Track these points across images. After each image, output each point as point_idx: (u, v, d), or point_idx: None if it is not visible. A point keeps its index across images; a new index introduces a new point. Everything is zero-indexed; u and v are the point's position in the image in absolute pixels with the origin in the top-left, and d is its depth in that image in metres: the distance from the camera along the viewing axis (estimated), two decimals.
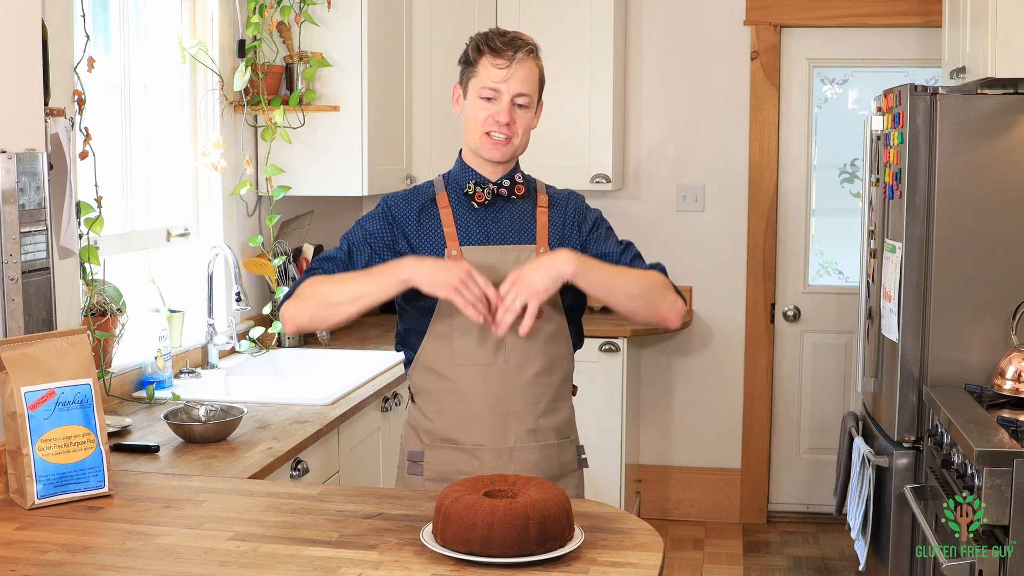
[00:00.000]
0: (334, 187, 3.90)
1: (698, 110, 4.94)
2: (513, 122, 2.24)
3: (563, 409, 2.34)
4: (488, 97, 2.23)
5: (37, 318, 2.33)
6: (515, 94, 2.23)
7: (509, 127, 2.23)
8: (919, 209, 3.35)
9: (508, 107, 2.23)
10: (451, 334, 2.25)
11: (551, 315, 2.27)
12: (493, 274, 2.22)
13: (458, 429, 2.27)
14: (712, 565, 4.55)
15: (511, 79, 2.22)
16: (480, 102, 2.24)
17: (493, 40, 2.23)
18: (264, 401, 3.05)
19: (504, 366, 2.25)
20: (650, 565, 1.74)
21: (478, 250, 2.26)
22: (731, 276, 4.99)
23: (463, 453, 2.27)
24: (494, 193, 2.29)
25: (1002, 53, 3.27)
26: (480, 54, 2.24)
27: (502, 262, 2.25)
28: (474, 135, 2.26)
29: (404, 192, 2.35)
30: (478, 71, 2.24)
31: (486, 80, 2.23)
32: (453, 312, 2.23)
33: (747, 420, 5.02)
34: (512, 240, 2.28)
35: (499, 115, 2.22)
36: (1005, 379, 3.13)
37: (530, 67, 2.25)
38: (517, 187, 2.31)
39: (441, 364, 2.27)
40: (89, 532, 1.94)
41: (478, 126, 2.25)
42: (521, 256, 2.26)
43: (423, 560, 1.76)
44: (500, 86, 2.22)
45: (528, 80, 2.24)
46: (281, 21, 3.80)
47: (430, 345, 2.27)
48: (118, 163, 3.23)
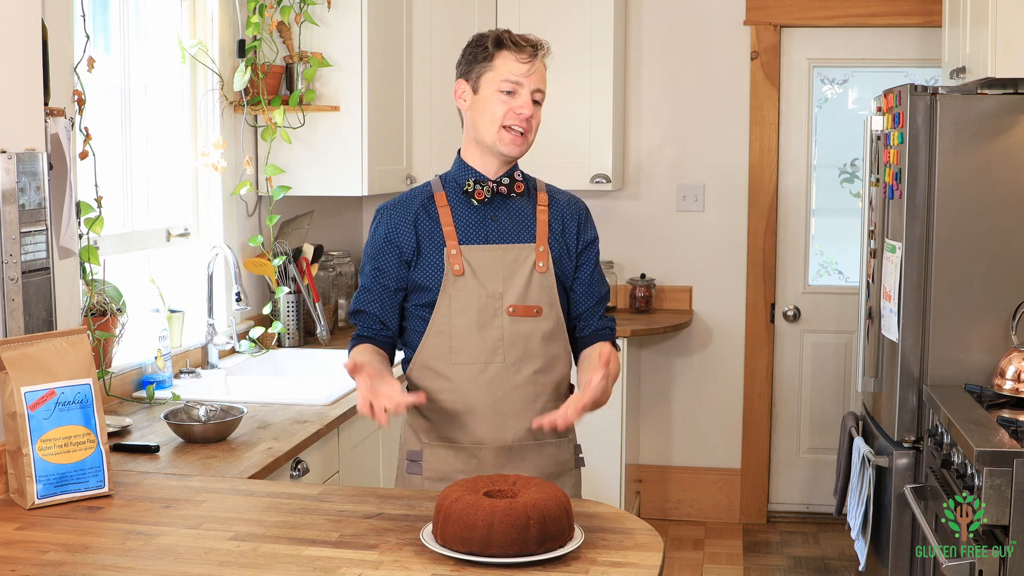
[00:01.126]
0: (334, 187, 3.90)
1: (698, 110, 4.94)
2: (532, 116, 2.25)
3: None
4: (509, 91, 2.23)
5: (37, 318, 2.33)
6: (534, 89, 2.25)
7: (528, 121, 2.24)
8: (919, 209, 3.35)
9: (529, 101, 2.24)
10: (450, 333, 2.25)
11: (549, 315, 2.28)
12: (492, 273, 2.24)
13: (456, 428, 2.27)
14: (712, 565, 4.55)
15: (533, 74, 2.24)
16: (499, 96, 2.24)
17: (513, 37, 2.25)
18: (264, 401, 3.05)
19: (502, 365, 2.25)
20: (650, 565, 1.75)
21: (477, 249, 2.26)
22: (731, 276, 4.99)
23: (461, 452, 2.27)
24: (493, 191, 2.29)
25: (1002, 53, 3.27)
26: (500, 48, 2.24)
27: (501, 261, 2.26)
28: (491, 129, 2.25)
29: (398, 199, 2.35)
30: (496, 65, 2.24)
31: (507, 73, 2.23)
32: (452, 312, 2.24)
33: (747, 420, 5.03)
34: (511, 239, 2.29)
35: (522, 108, 2.23)
36: (1005, 379, 3.13)
37: (543, 70, 2.28)
38: (516, 184, 2.31)
39: (439, 363, 2.27)
40: (89, 532, 1.94)
41: (496, 120, 2.24)
42: (520, 255, 2.26)
43: (423, 560, 1.76)
44: (523, 80, 2.23)
45: (544, 79, 2.28)
46: (281, 21, 3.80)
47: (429, 344, 2.28)
48: (118, 163, 3.23)
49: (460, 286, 2.24)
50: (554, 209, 2.34)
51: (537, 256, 2.27)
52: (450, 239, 2.26)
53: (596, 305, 2.37)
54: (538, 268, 2.27)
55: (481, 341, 2.24)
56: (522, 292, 2.26)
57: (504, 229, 2.29)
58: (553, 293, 2.28)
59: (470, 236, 2.28)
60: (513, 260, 2.26)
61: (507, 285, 2.25)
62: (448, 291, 2.25)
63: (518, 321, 2.25)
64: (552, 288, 2.28)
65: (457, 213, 2.29)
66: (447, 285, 2.25)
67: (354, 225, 4.89)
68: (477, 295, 2.24)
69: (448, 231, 2.27)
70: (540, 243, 2.28)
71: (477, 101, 2.27)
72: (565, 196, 2.39)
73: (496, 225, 2.29)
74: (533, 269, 2.27)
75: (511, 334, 2.25)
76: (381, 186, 4.00)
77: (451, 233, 2.27)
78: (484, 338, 2.24)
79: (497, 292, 2.25)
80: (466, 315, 2.24)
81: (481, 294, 2.24)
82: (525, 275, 2.26)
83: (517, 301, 2.25)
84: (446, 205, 2.29)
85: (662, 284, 5.00)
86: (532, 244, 2.28)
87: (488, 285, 2.25)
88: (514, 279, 2.26)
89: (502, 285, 2.25)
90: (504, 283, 2.25)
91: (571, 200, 2.39)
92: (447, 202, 2.30)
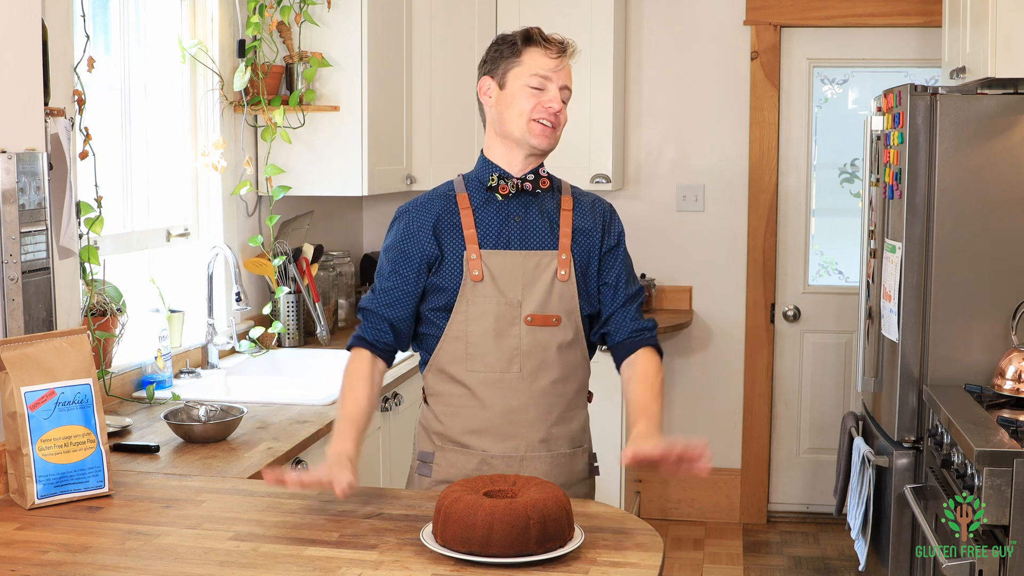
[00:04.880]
0: (334, 187, 3.90)
1: (698, 110, 4.94)
2: (560, 111, 2.24)
3: (577, 418, 2.31)
4: (538, 86, 2.22)
5: (37, 318, 2.33)
6: (562, 86, 2.24)
7: (557, 116, 2.23)
8: (919, 209, 3.35)
9: (558, 96, 2.23)
10: (466, 339, 2.22)
11: (567, 324, 2.24)
12: (512, 280, 2.20)
13: (468, 434, 2.25)
14: (712, 565, 4.55)
15: (562, 69, 2.24)
16: (528, 90, 2.22)
17: (541, 33, 2.25)
18: (264, 401, 3.05)
19: (518, 375, 2.21)
20: (650, 565, 1.75)
21: (497, 254, 2.22)
22: (731, 276, 4.99)
23: (472, 458, 2.24)
24: (518, 188, 2.26)
25: (1002, 53, 3.27)
26: (530, 44, 2.23)
27: (521, 268, 2.22)
28: (520, 123, 2.23)
29: (420, 201, 2.30)
30: (524, 60, 2.22)
31: (536, 68, 2.22)
32: (469, 318, 2.21)
33: (747, 420, 5.03)
34: (533, 245, 2.24)
35: (552, 102, 2.22)
36: (1005, 379, 3.13)
37: (569, 67, 2.28)
38: (542, 180, 2.27)
39: (455, 369, 2.24)
40: (89, 532, 1.95)
41: (524, 113, 2.22)
42: (542, 262, 2.23)
43: (423, 560, 1.76)
44: (552, 75, 2.22)
45: (570, 77, 2.27)
46: (281, 21, 3.80)
47: (445, 349, 2.24)
48: (118, 163, 3.23)
49: (479, 292, 2.20)
50: (578, 212, 2.30)
51: (559, 264, 2.23)
52: (470, 243, 2.22)
53: (625, 305, 2.30)
54: (559, 276, 2.23)
55: (498, 349, 2.21)
56: (542, 301, 2.22)
57: (527, 233, 2.25)
58: (573, 302, 2.24)
59: (491, 240, 2.23)
60: (534, 267, 2.22)
61: (526, 293, 2.21)
62: (466, 296, 2.21)
63: (536, 331, 2.21)
64: (573, 297, 2.24)
65: (479, 215, 2.25)
66: (465, 290, 2.21)
67: (354, 225, 4.89)
68: (495, 302, 2.20)
69: (469, 234, 2.23)
70: (563, 250, 2.24)
71: (503, 96, 2.24)
72: (589, 199, 2.35)
73: (519, 227, 2.24)
74: (554, 277, 2.23)
75: (528, 343, 2.21)
76: (381, 186, 4.00)
77: (472, 236, 2.22)
78: (501, 347, 2.21)
79: (516, 300, 2.21)
80: (483, 322, 2.20)
81: (500, 301, 2.20)
82: (546, 283, 2.22)
83: (536, 310, 2.21)
84: (468, 207, 2.25)
85: (662, 284, 5.00)
86: (554, 251, 2.24)
87: (507, 292, 2.21)
88: (534, 287, 2.22)
89: (521, 293, 2.21)
90: (523, 291, 2.21)
91: (595, 203, 2.35)
92: (469, 203, 2.26)
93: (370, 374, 2.26)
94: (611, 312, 2.31)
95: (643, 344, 2.32)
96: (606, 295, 2.31)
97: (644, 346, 2.32)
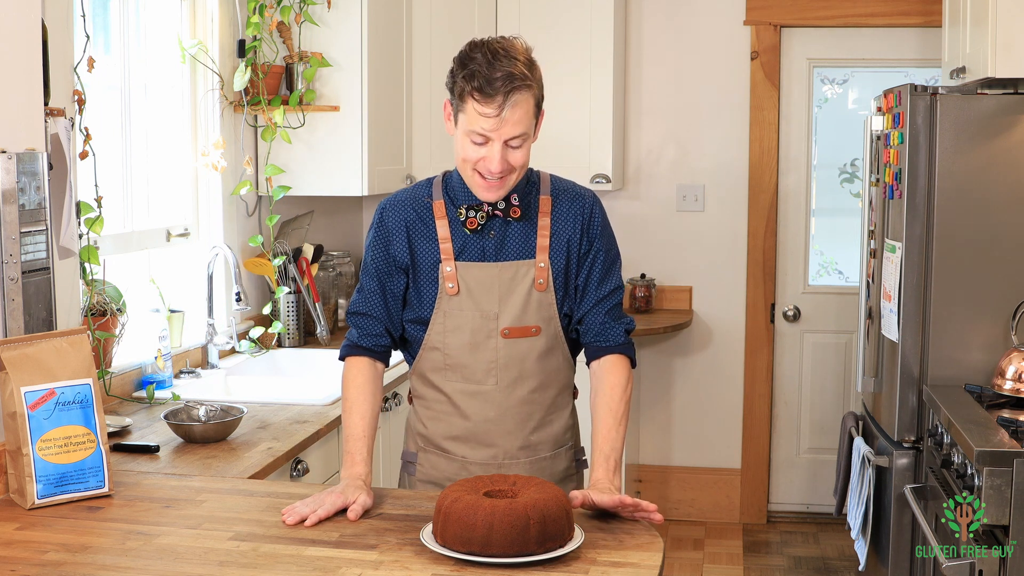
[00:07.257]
0: (334, 187, 3.90)
1: (698, 110, 4.94)
2: (506, 164, 2.07)
3: (558, 420, 2.27)
4: (479, 142, 2.06)
5: (37, 318, 2.33)
6: (507, 139, 2.05)
7: (502, 173, 2.08)
8: (919, 209, 3.35)
9: (500, 154, 2.06)
10: (444, 350, 2.20)
11: (547, 331, 2.20)
12: (488, 292, 2.16)
13: (448, 440, 2.25)
14: (712, 565, 4.55)
15: (502, 127, 2.03)
16: (469, 143, 2.07)
17: (479, 79, 2.01)
18: (264, 401, 3.05)
19: (495, 387, 2.19)
20: (650, 565, 1.74)
21: (474, 267, 2.17)
22: (731, 276, 4.99)
23: (452, 463, 2.25)
24: (488, 215, 2.17)
25: (1002, 53, 3.27)
26: (465, 98, 2.04)
27: (498, 279, 2.17)
28: (465, 169, 2.12)
29: (398, 199, 2.24)
30: (466, 109, 2.04)
31: (475, 125, 2.04)
32: (446, 330, 2.19)
33: (747, 420, 5.02)
34: (510, 256, 2.18)
35: (490, 162, 2.06)
36: (1005, 379, 3.13)
37: (524, 104, 2.04)
38: (512, 210, 2.16)
39: (436, 377, 2.23)
40: (89, 532, 1.94)
41: (468, 162, 2.09)
42: (519, 272, 2.17)
43: (423, 560, 1.76)
44: (490, 134, 2.04)
45: (522, 119, 2.05)
46: (281, 21, 3.80)
47: (424, 357, 2.23)
48: (118, 163, 3.23)
49: (455, 305, 2.17)
50: (557, 214, 2.21)
51: (536, 273, 2.18)
52: (446, 256, 2.17)
53: (596, 307, 2.22)
54: (537, 286, 2.17)
55: (475, 362, 2.18)
56: (519, 313, 2.17)
57: (503, 243, 2.18)
58: (552, 310, 2.20)
59: (467, 253, 2.18)
60: (511, 278, 2.17)
61: (503, 306, 2.17)
62: (442, 308, 2.18)
63: (513, 343, 2.17)
64: (551, 305, 2.19)
65: (455, 227, 2.19)
66: (441, 303, 2.18)
67: (354, 225, 4.89)
68: (471, 316, 2.17)
69: (445, 247, 2.17)
70: (540, 259, 2.18)
71: (455, 131, 2.12)
72: (569, 194, 2.24)
73: (495, 240, 2.18)
74: (532, 287, 2.17)
75: (505, 356, 2.18)
76: (381, 186, 4.00)
77: (448, 249, 2.17)
78: (477, 359, 2.18)
79: (492, 313, 2.17)
80: (459, 335, 2.17)
81: (475, 315, 2.17)
82: (523, 294, 2.17)
83: (513, 323, 2.17)
84: (444, 216, 2.19)
85: (662, 284, 5.00)
86: (532, 260, 2.19)
87: (483, 306, 2.16)
88: (511, 299, 2.17)
89: (498, 305, 2.17)
90: (500, 303, 2.17)
91: (575, 198, 2.23)
92: (445, 213, 2.19)
93: (370, 385, 2.21)
94: (582, 314, 2.24)
95: (611, 352, 2.22)
96: (584, 295, 2.23)
97: (613, 352, 2.23)
